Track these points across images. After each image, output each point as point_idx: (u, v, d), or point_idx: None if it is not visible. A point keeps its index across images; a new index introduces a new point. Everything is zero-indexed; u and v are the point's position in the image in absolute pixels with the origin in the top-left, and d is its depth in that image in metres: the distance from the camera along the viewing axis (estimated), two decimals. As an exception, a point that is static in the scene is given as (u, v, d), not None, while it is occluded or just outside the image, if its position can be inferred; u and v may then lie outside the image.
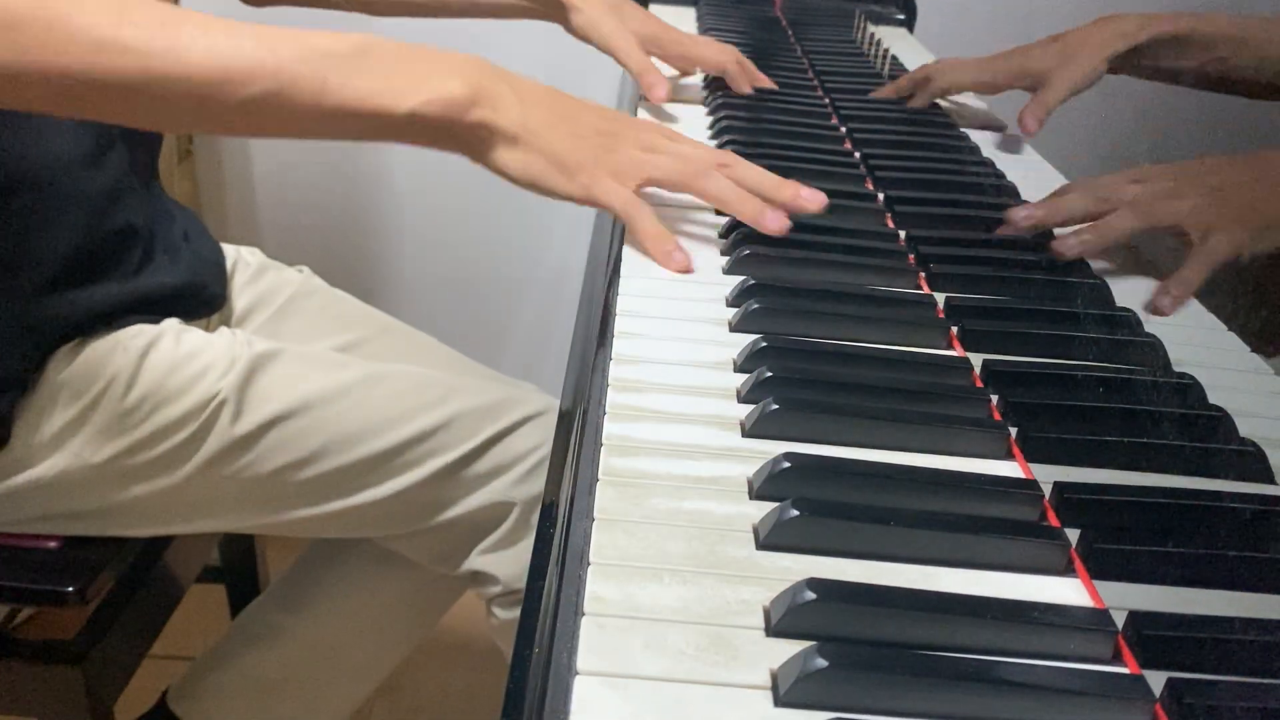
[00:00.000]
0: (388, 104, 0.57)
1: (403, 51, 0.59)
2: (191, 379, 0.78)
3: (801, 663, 0.32)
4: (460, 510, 0.83)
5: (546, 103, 0.62)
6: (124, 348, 0.78)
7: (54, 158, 0.76)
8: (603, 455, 0.43)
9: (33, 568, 0.80)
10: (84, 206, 0.78)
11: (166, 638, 0.94)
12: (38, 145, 0.76)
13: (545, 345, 1.64)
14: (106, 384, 0.77)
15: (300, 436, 0.80)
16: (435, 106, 0.58)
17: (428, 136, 0.60)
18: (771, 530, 0.39)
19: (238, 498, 0.81)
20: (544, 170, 0.60)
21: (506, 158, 0.60)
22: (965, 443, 0.46)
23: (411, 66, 0.58)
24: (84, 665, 0.81)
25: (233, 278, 0.97)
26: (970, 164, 0.82)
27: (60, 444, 0.77)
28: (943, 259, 0.63)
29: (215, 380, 0.78)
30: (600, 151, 0.62)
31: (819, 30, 1.22)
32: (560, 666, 0.33)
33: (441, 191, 1.57)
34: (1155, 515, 0.43)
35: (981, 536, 0.39)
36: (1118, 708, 0.33)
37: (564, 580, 0.37)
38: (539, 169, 0.60)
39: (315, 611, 0.98)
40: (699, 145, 0.66)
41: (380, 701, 1.33)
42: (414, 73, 0.58)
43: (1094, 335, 0.56)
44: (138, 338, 0.79)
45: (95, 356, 0.77)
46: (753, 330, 0.54)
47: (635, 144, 0.63)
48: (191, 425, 0.78)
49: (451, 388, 0.84)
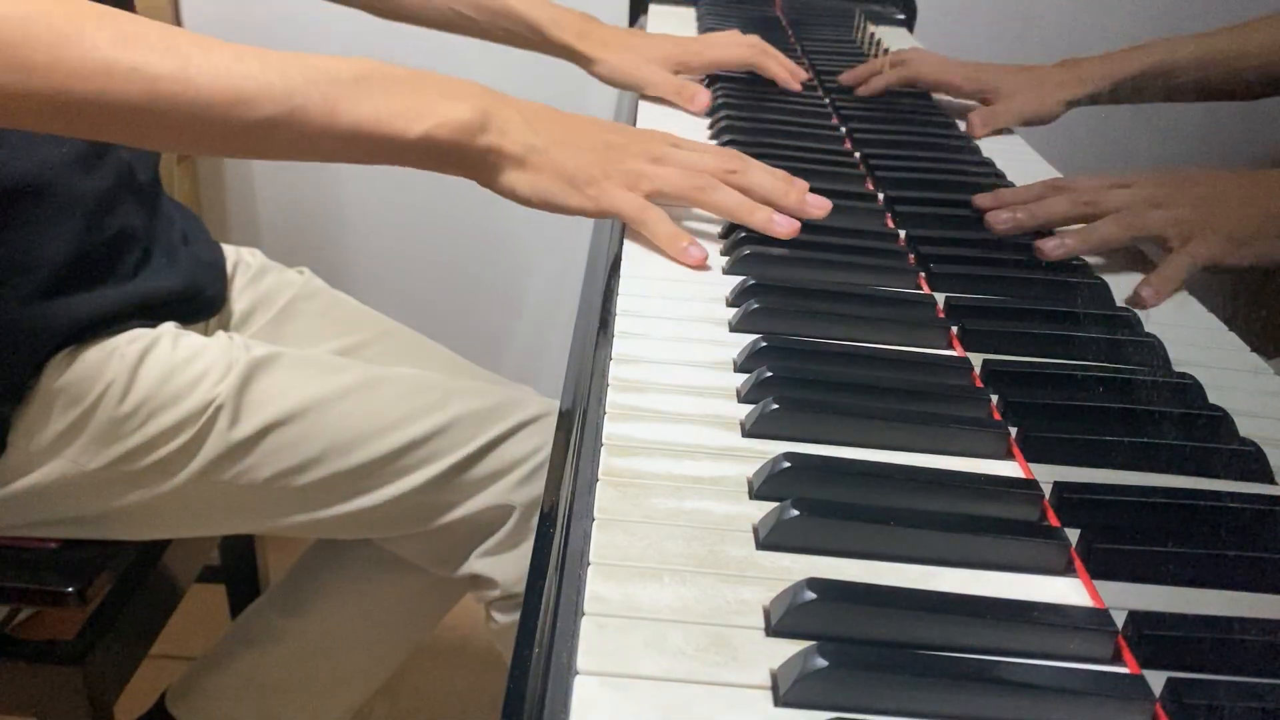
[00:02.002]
0: (400, 128, 0.58)
1: (408, 77, 0.60)
2: (188, 384, 0.78)
3: (801, 663, 0.32)
4: (460, 514, 0.83)
5: (550, 122, 0.63)
6: (120, 353, 0.78)
7: (48, 162, 0.76)
8: (603, 455, 0.43)
9: (32, 568, 0.80)
10: (79, 211, 0.77)
11: (166, 638, 0.94)
12: (31, 150, 0.75)
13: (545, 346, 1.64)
14: (103, 390, 0.76)
15: (298, 442, 0.79)
16: (446, 130, 0.59)
17: (436, 160, 0.60)
18: (771, 530, 0.39)
19: (235, 503, 0.81)
20: (553, 188, 0.61)
21: (516, 179, 0.61)
22: (965, 443, 0.46)
23: (418, 92, 0.59)
24: (84, 665, 0.81)
25: (233, 280, 0.97)
26: (970, 164, 0.82)
27: (57, 451, 0.77)
28: (943, 259, 0.63)
29: (212, 385, 0.78)
30: (607, 164, 0.62)
31: (819, 30, 1.22)
32: (560, 666, 0.33)
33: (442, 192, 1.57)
34: (1155, 515, 0.43)
35: (981, 536, 0.39)
36: (1118, 708, 0.33)
37: (564, 580, 0.37)
38: (548, 187, 0.61)
39: (315, 614, 0.98)
40: (705, 150, 0.66)
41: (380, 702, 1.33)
42: (422, 98, 0.59)
43: (1094, 335, 0.56)
44: (134, 343, 0.79)
45: (91, 362, 0.77)
46: (753, 330, 0.54)
47: (641, 155, 0.64)
48: (188, 431, 0.77)
49: (450, 391, 0.84)
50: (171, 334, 0.81)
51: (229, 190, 1.59)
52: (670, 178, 0.63)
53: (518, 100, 0.63)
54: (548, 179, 0.61)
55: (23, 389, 0.75)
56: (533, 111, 0.63)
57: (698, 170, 0.63)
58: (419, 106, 0.58)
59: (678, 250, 0.61)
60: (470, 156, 0.60)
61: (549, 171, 0.61)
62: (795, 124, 0.86)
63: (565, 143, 0.62)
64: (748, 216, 0.62)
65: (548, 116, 0.63)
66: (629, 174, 0.63)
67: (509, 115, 0.61)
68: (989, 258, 0.65)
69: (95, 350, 0.78)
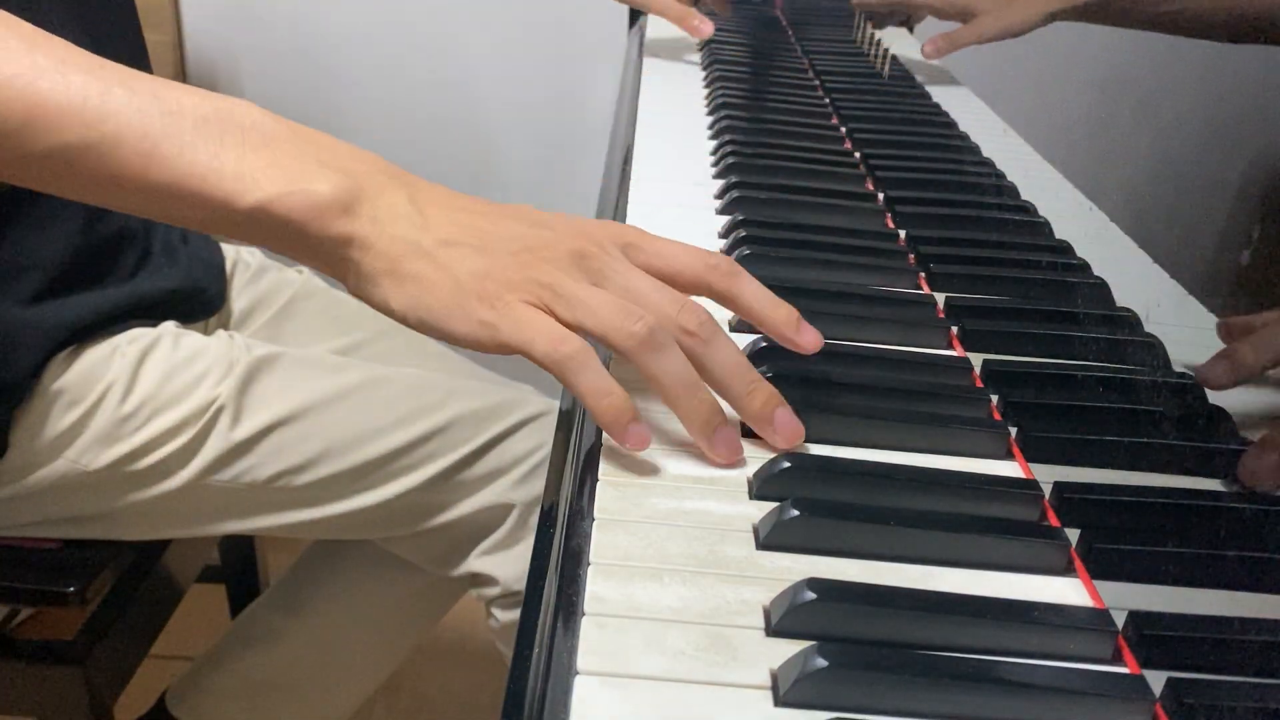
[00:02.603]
0: (229, 191, 0.44)
1: (289, 135, 0.45)
2: (189, 384, 0.78)
3: (801, 663, 0.32)
4: (460, 512, 0.83)
5: (455, 211, 0.46)
6: (121, 353, 0.78)
7: None
8: (602, 455, 0.43)
9: (33, 568, 0.80)
10: (79, 211, 0.77)
11: (166, 638, 0.94)
12: None
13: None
14: (104, 390, 0.76)
15: (299, 441, 0.79)
16: (288, 204, 0.44)
17: (278, 241, 0.45)
18: (771, 530, 0.39)
19: (236, 503, 0.81)
20: (434, 304, 0.44)
21: (387, 288, 0.45)
22: (965, 443, 0.46)
23: (280, 151, 0.45)
24: (84, 665, 0.81)
25: (232, 279, 0.97)
26: (970, 164, 0.82)
27: (59, 451, 0.76)
28: (943, 259, 0.63)
29: (213, 385, 0.78)
30: (520, 271, 0.44)
31: (819, 30, 1.22)
32: (560, 666, 0.33)
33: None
34: (1155, 515, 0.43)
35: (981, 536, 0.39)
36: (1118, 708, 0.33)
37: (564, 580, 0.37)
38: (427, 302, 0.44)
39: (314, 613, 0.98)
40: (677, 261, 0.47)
41: (380, 702, 1.33)
42: (279, 159, 0.44)
43: (1094, 335, 0.56)
44: (134, 343, 0.79)
45: (92, 362, 0.77)
46: (753, 330, 0.54)
47: (571, 263, 0.45)
48: (190, 430, 0.77)
49: (450, 391, 0.84)
50: (172, 333, 0.81)
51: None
52: (600, 309, 0.43)
53: (426, 185, 0.47)
54: (427, 291, 0.44)
55: (24, 389, 0.75)
56: (434, 198, 0.46)
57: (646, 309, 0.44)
58: (272, 171, 0.44)
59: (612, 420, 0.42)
60: (320, 245, 0.45)
61: (431, 281, 0.44)
62: (795, 124, 0.86)
63: (466, 243, 0.45)
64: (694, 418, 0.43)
65: (455, 205, 0.46)
66: (546, 290, 0.44)
67: (392, 201, 0.45)
68: (989, 258, 0.65)
69: (96, 350, 0.78)
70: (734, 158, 0.76)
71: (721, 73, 0.98)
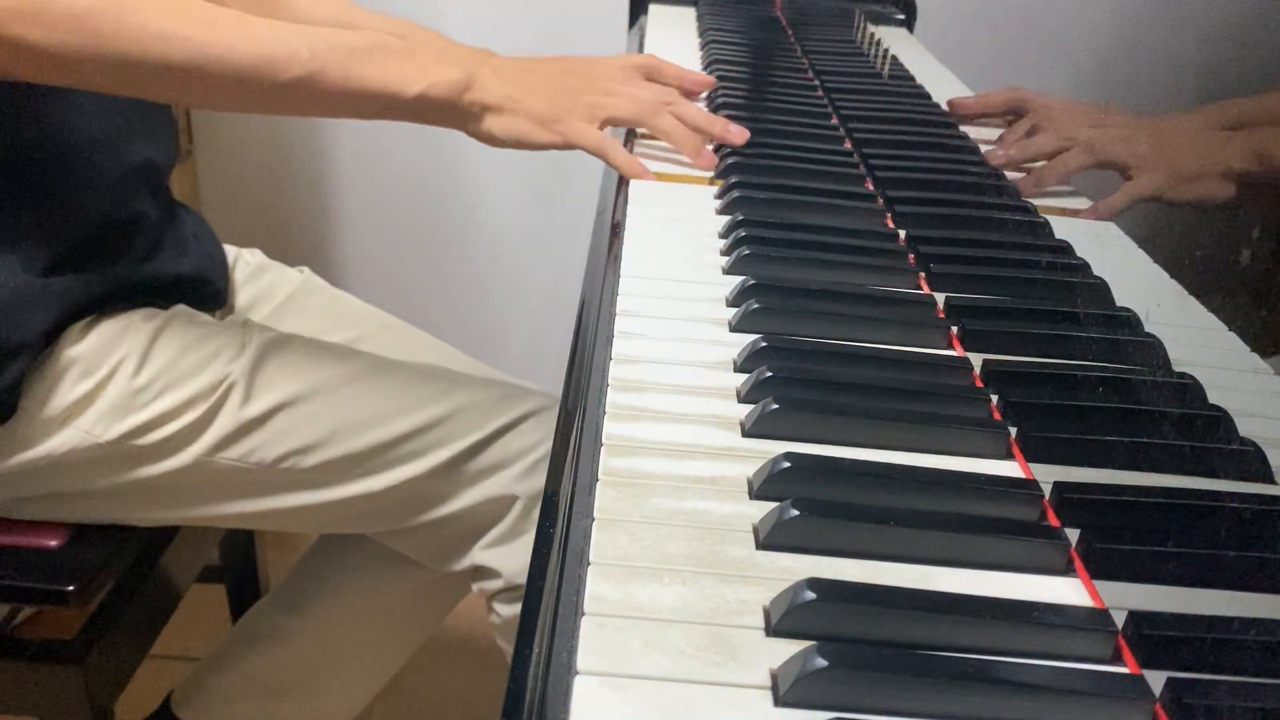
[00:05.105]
0: (399, 88, 0.71)
1: (409, 46, 0.73)
2: (203, 360, 0.79)
3: (801, 663, 0.32)
4: (462, 504, 0.83)
5: (520, 72, 0.76)
6: (136, 327, 0.79)
7: (77, 138, 0.78)
8: (603, 455, 0.43)
9: (33, 568, 0.80)
10: (101, 189, 0.79)
11: (166, 638, 0.94)
12: (64, 125, 0.77)
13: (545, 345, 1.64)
14: (118, 362, 0.77)
15: (308, 422, 0.80)
16: (440, 90, 0.72)
17: (431, 114, 0.73)
18: (771, 530, 0.39)
19: (244, 482, 0.81)
20: (524, 128, 0.74)
21: (493, 124, 0.74)
22: (965, 443, 0.46)
23: (417, 58, 0.72)
24: (84, 665, 0.81)
25: (233, 275, 0.97)
26: (970, 164, 0.82)
27: (69, 420, 0.77)
28: (943, 259, 0.63)
29: (226, 363, 0.79)
30: (569, 101, 0.75)
31: (819, 30, 1.22)
32: (560, 666, 0.33)
33: (442, 193, 1.57)
34: (1155, 515, 0.43)
35: (981, 536, 0.39)
36: (1118, 708, 0.33)
37: (564, 580, 0.37)
38: (520, 128, 0.74)
39: (318, 614, 0.98)
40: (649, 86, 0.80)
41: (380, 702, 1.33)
42: (420, 63, 0.72)
43: (1094, 335, 0.56)
44: (150, 319, 0.80)
45: (107, 334, 0.78)
46: (753, 330, 0.54)
47: (596, 90, 0.76)
48: (201, 406, 0.78)
49: (456, 381, 0.85)
50: (186, 313, 0.83)
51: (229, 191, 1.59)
52: (621, 106, 0.76)
53: (495, 57, 0.78)
54: (520, 121, 0.74)
55: (34, 350, 0.75)
56: (504, 64, 0.77)
57: (642, 99, 0.77)
58: (418, 71, 0.71)
59: (633, 174, 0.74)
60: (459, 110, 0.73)
61: (521, 115, 0.74)
62: (795, 124, 0.86)
63: (533, 89, 0.75)
64: (682, 142, 0.76)
65: (517, 67, 0.77)
66: (588, 107, 0.75)
67: (485, 74, 0.74)
68: (989, 258, 0.65)
69: (111, 323, 0.79)
70: (734, 158, 0.76)
71: (721, 73, 0.98)
